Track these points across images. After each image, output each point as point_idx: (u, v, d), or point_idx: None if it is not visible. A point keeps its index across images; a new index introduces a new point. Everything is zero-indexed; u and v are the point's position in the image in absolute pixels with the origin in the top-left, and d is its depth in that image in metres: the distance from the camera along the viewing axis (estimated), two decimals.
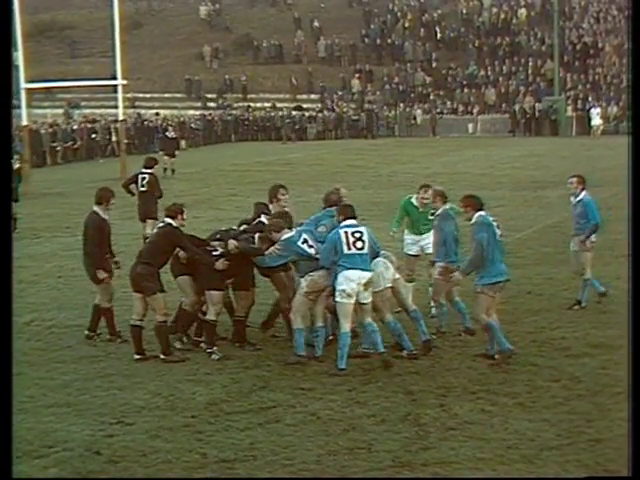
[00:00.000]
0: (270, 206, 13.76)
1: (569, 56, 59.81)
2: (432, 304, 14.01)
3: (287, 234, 12.63)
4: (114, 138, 47.00)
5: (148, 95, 64.11)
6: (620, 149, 40.32)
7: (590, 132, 53.64)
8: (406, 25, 66.93)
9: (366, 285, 12.03)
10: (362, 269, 12.04)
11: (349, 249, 12.07)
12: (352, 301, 12.00)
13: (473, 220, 12.29)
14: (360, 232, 12.25)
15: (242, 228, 13.42)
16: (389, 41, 66.18)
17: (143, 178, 20.85)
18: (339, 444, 9.68)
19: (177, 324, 13.46)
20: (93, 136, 47.95)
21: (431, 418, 10.37)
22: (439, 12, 67.15)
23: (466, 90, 60.50)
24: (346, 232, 12.17)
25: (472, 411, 10.57)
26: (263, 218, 13.38)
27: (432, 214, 14.33)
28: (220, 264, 12.70)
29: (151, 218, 20.58)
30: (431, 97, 61.16)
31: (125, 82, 38.85)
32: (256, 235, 13.06)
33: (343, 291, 11.99)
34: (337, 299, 12.09)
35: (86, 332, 13.89)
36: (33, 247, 21.64)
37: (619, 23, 61.10)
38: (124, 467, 9.28)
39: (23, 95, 33.20)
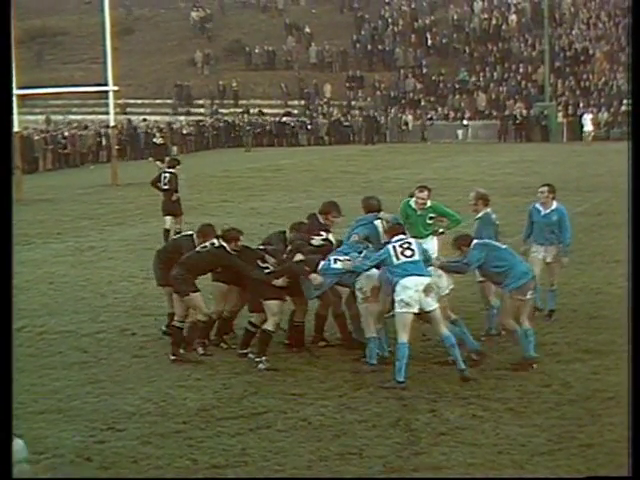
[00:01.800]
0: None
1: (560, 62, 59.95)
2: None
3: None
4: (104, 143, 47.03)
5: (139, 101, 64.06)
6: (611, 155, 40.55)
7: (582, 138, 53.66)
8: (397, 31, 67.07)
9: (426, 291, 11.79)
10: (417, 274, 11.82)
11: (398, 259, 11.92)
12: (412, 310, 11.72)
13: (471, 247, 12.43)
14: (408, 242, 12.15)
15: (319, 243, 13.41)
16: (380, 47, 66.29)
17: (165, 177, 22.32)
18: (330, 450, 9.67)
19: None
20: (75, 143, 47.92)
21: (422, 423, 10.37)
22: (430, 18, 67.24)
23: (457, 96, 60.59)
24: (394, 246, 12.07)
25: (463, 416, 10.58)
26: (331, 237, 13.65)
27: (431, 218, 14.35)
28: (281, 281, 12.68)
29: (173, 215, 21.98)
30: (422, 103, 61.23)
31: (116, 88, 38.85)
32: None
33: (401, 300, 11.73)
34: (397, 309, 11.84)
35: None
36: (24, 253, 21.59)
37: (609, 30, 61.28)
38: (115, 473, 9.27)
39: (14, 101, 33.11)
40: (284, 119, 60.12)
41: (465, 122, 58.39)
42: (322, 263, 12.73)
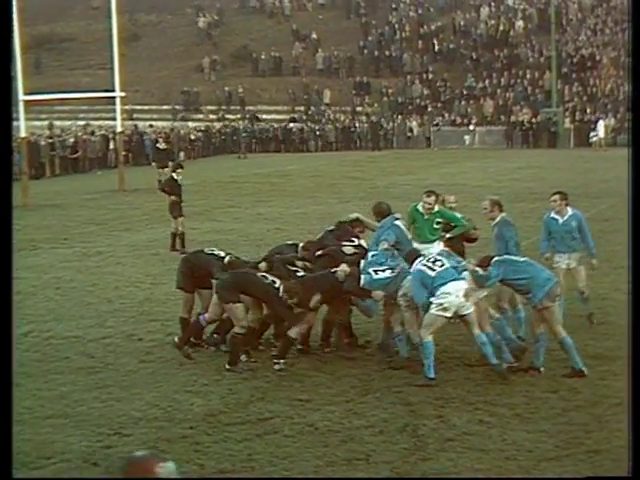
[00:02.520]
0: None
1: (567, 68, 59.93)
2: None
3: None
4: (112, 147, 47.11)
5: (146, 107, 64.14)
6: (618, 161, 40.42)
7: (593, 144, 53.42)
8: (404, 37, 67.11)
9: (466, 296, 11.95)
10: (455, 279, 12.02)
11: (433, 271, 12.10)
12: (447, 315, 11.91)
13: (490, 265, 12.50)
14: (431, 257, 12.40)
15: (351, 251, 13.53)
16: (387, 53, 66.33)
17: (166, 180, 23.34)
18: (337, 455, 9.66)
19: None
20: (83, 149, 47.98)
21: (429, 429, 10.35)
22: (437, 24, 67.28)
23: (464, 102, 60.60)
24: (423, 265, 12.24)
25: (470, 422, 10.56)
26: (363, 242, 13.89)
27: (438, 222, 14.37)
28: (316, 300, 12.69)
29: (175, 218, 22.23)
30: (429, 109, 61.26)
31: (123, 94, 38.92)
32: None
33: (440, 304, 11.89)
34: (432, 311, 11.96)
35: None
36: (31, 258, 21.62)
37: (616, 36, 61.26)
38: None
39: (21, 107, 33.19)
40: (290, 125, 60.19)
41: (472, 128, 58.40)
42: (363, 277, 12.72)
